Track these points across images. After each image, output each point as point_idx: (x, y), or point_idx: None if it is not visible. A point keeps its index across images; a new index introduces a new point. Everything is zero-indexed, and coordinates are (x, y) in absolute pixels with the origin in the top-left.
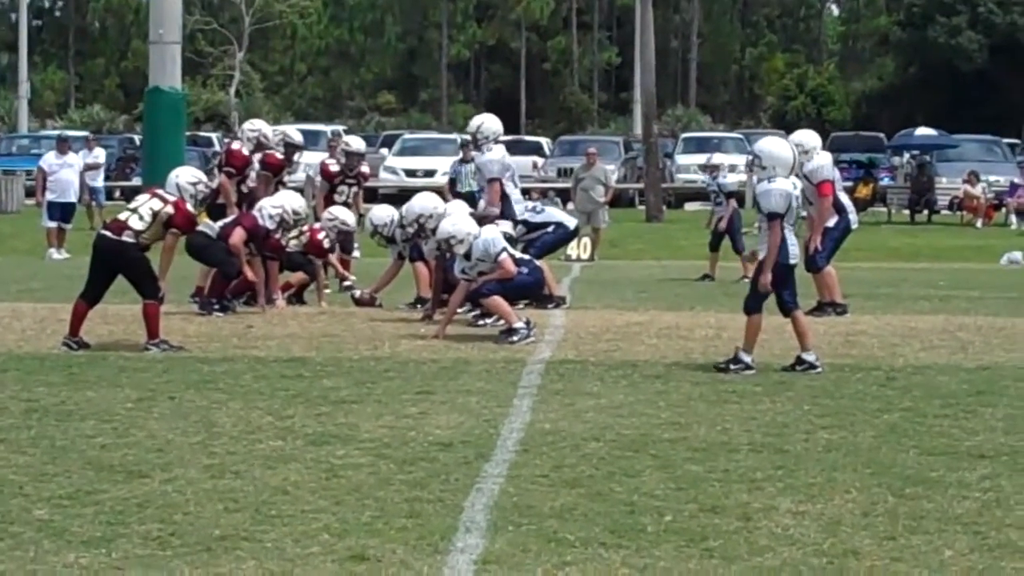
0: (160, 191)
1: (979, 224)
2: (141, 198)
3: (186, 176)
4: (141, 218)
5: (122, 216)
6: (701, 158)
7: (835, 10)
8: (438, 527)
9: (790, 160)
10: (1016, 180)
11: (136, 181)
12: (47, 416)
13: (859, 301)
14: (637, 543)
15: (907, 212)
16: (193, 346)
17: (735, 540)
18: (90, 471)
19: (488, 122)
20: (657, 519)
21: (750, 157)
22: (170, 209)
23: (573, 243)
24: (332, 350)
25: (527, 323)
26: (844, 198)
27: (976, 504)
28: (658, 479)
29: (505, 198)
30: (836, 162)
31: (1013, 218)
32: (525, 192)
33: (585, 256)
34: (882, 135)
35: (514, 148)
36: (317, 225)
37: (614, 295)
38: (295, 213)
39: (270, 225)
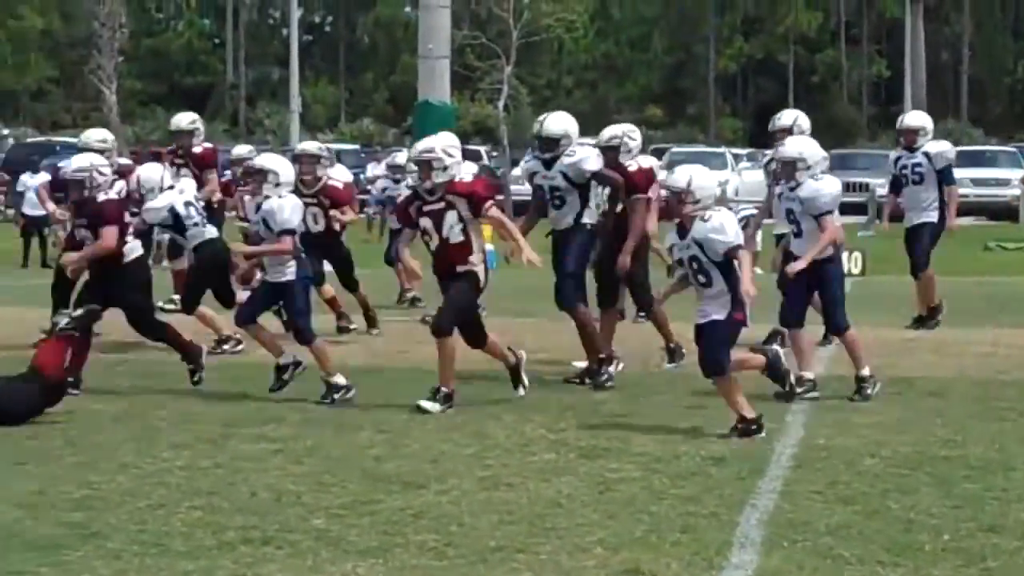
0: None
1: None
2: None
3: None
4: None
5: None
6: (974, 172)
7: None
8: (712, 542)
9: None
10: None
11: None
12: (324, 427)
13: None
14: (915, 561)
15: None
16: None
17: (1016, 560)
18: (366, 481)
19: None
20: (935, 537)
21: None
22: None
23: (845, 256)
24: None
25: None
26: None
27: None
28: (935, 497)
29: None
30: None
31: None
32: None
33: (856, 271)
34: None
35: None
36: None
37: (886, 311)
38: None
39: None
